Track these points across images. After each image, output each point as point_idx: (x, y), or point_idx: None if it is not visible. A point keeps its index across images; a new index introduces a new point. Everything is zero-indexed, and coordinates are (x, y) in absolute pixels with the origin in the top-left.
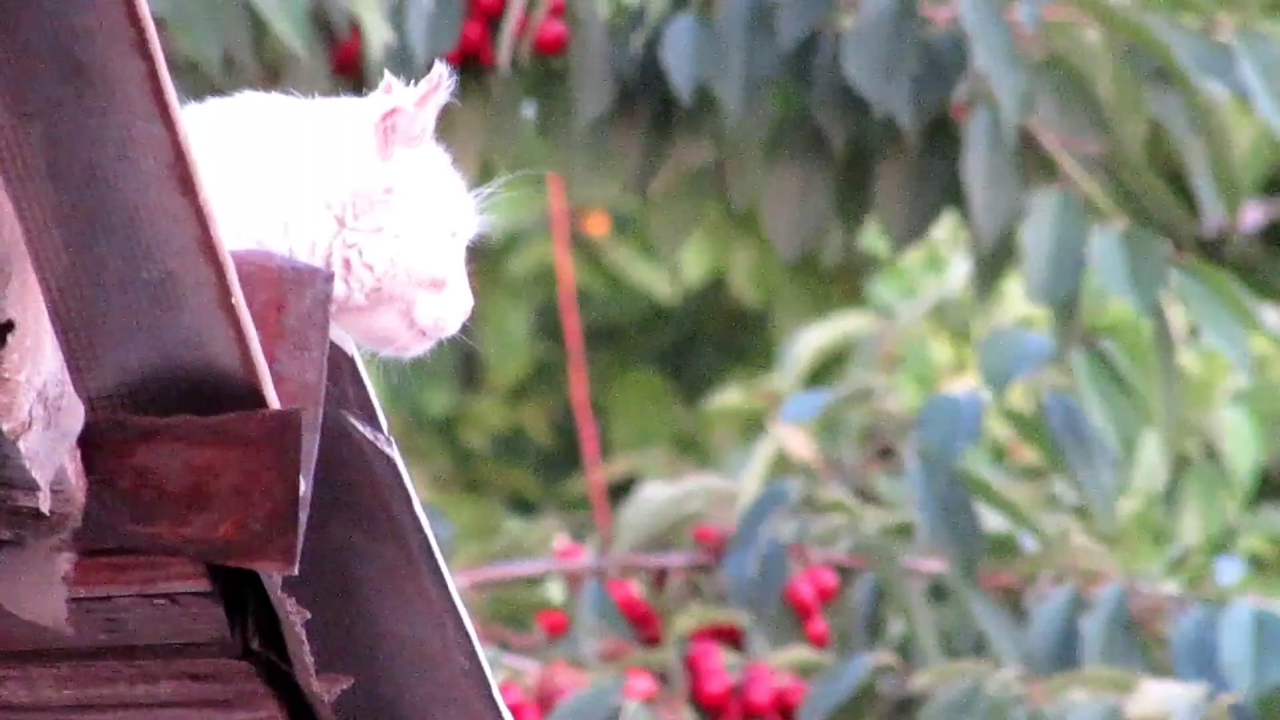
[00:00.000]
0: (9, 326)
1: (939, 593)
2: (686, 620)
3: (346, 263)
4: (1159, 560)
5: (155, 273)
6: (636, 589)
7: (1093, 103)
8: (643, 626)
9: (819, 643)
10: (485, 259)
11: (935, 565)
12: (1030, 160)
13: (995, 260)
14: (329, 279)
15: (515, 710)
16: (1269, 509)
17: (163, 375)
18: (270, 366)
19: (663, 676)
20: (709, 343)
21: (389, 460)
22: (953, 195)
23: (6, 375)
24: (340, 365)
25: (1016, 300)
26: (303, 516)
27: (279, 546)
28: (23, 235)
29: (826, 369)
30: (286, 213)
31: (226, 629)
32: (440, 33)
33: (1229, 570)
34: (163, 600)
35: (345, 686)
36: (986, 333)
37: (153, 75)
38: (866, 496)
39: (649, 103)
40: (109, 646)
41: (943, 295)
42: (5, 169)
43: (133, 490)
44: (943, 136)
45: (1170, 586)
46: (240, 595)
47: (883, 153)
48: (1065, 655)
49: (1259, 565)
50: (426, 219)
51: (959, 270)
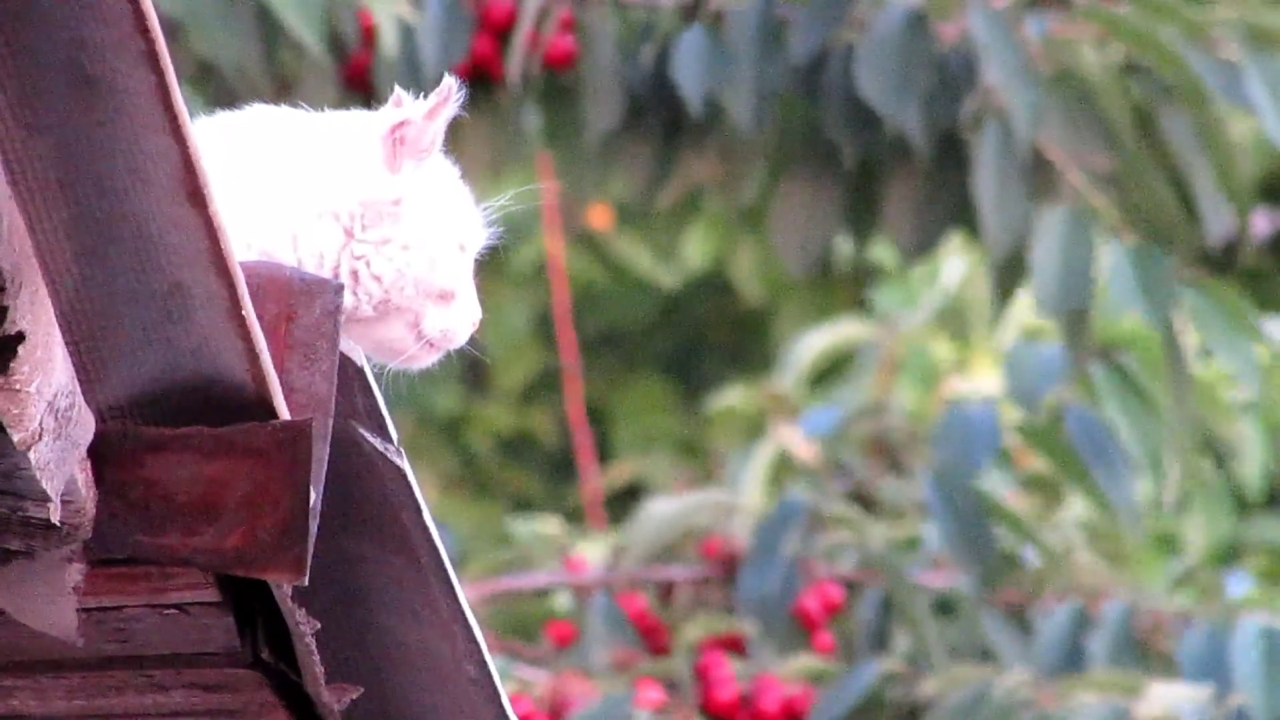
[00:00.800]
0: (20, 338)
1: (944, 607)
2: (694, 630)
3: (355, 274)
4: (1164, 573)
5: (165, 284)
6: (645, 601)
7: (1101, 119)
8: (652, 638)
9: (826, 656)
10: (487, 252)
11: (942, 580)
12: (1039, 176)
13: (1009, 274)
14: (339, 290)
15: None
16: (1270, 520)
17: (173, 386)
18: (280, 377)
19: (672, 686)
20: (714, 347)
21: (399, 471)
22: (962, 211)
23: (17, 386)
24: (350, 376)
25: (1023, 309)
26: (313, 527)
27: (289, 557)
28: (33, 247)
29: (828, 372)
30: (295, 224)
31: (236, 639)
32: (450, 47)
33: (1235, 585)
34: (173, 610)
35: (355, 696)
36: (1009, 348)
37: (162, 88)
38: (869, 501)
39: (659, 117)
40: (119, 657)
41: (943, 301)
42: (16, 181)
43: (143, 501)
44: (951, 152)
45: (1176, 602)
46: (250, 605)
47: (892, 168)
48: (1071, 671)
49: (1266, 576)
50: (435, 231)
51: (954, 271)
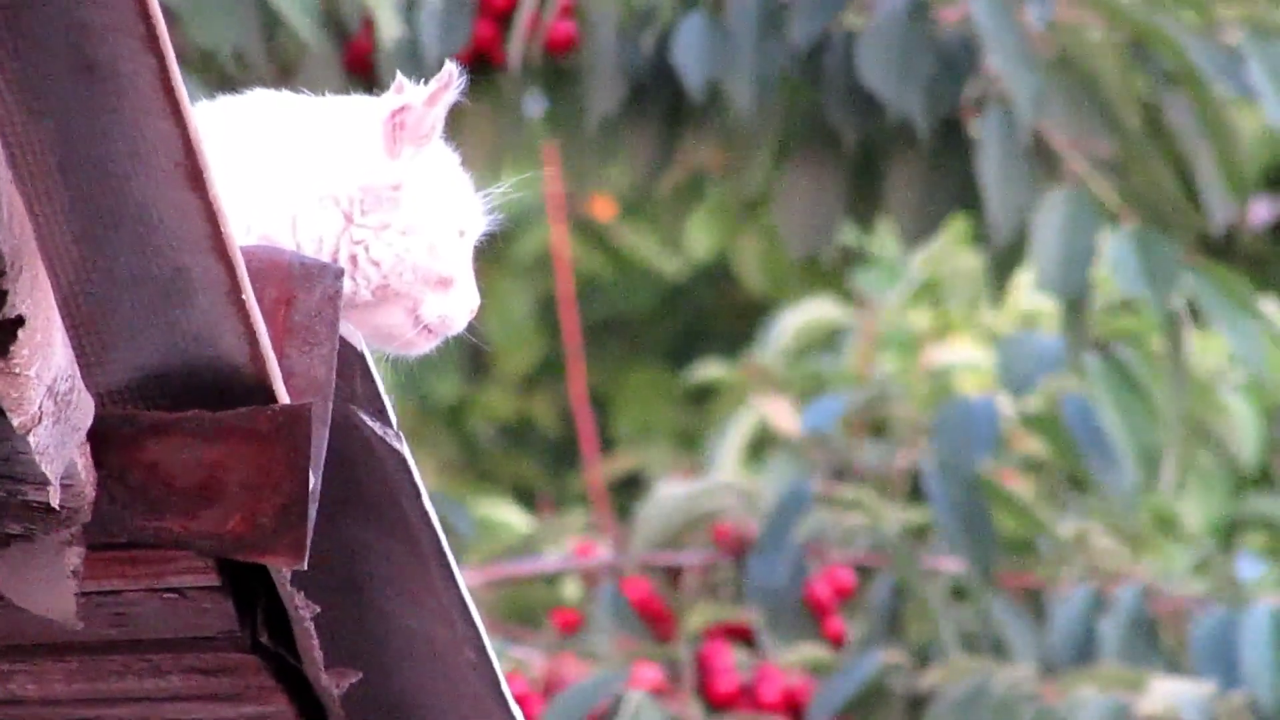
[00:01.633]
0: (19, 322)
1: (959, 593)
2: (698, 618)
3: (353, 259)
4: (1171, 554)
5: (165, 268)
6: (652, 587)
7: (1102, 103)
8: (658, 625)
9: (836, 642)
10: (489, 241)
11: (955, 565)
12: (1041, 161)
13: (1008, 258)
14: (339, 275)
15: (521, 700)
16: (1268, 497)
17: (173, 370)
18: (280, 362)
19: (673, 673)
20: (715, 337)
21: (398, 455)
22: (964, 195)
23: (17, 370)
24: (350, 361)
25: (1022, 294)
26: (312, 511)
27: (288, 541)
28: (34, 231)
29: (810, 348)
30: (295, 208)
31: (236, 623)
32: (451, 32)
33: (1247, 568)
34: (172, 594)
35: (354, 680)
36: (1003, 337)
37: (163, 72)
38: (851, 472)
39: (660, 101)
40: (118, 640)
41: (921, 273)
42: (16, 165)
43: (142, 485)
44: (953, 137)
45: (1189, 587)
46: (249, 589)
47: (894, 152)
48: (1084, 656)
49: (1269, 552)
50: (434, 217)
51: (928, 251)
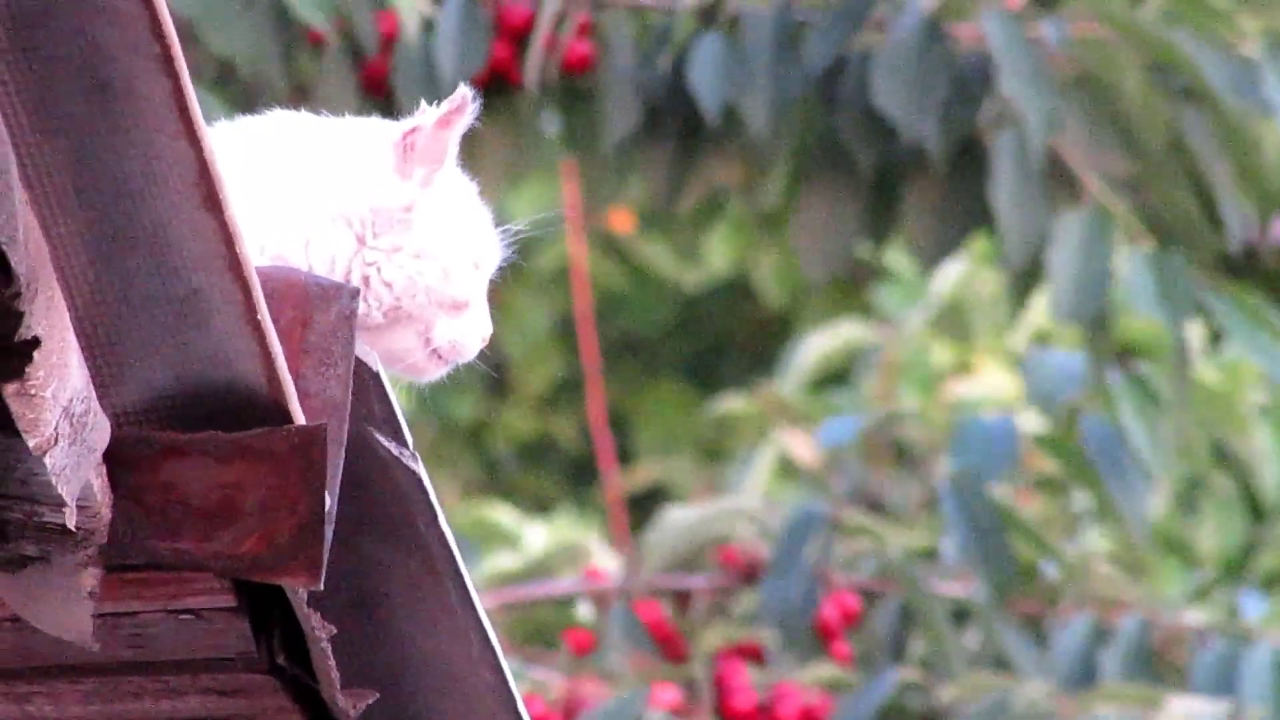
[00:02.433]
0: (35, 343)
1: (960, 616)
2: (711, 639)
3: (365, 280)
4: (1177, 581)
5: (181, 289)
6: (663, 610)
7: (1120, 122)
8: (669, 647)
9: (843, 665)
10: (504, 264)
11: (959, 589)
12: (1057, 180)
13: (1025, 279)
14: (354, 295)
15: None
16: None
17: (188, 391)
18: (296, 382)
19: (689, 692)
20: (735, 351)
21: (414, 475)
22: (980, 216)
23: (33, 391)
24: (365, 381)
25: (1034, 312)
26: (328, 532)
27: (304, 562)
28: (49, 252)
29: (830, 376)
30: (307, 229)
31: (252, 644)
32: (468, 52)
33: (1251, 604)
34: (188, 615)
35: (370, 701)
36: (1028, 353)
37: (178, 92)
38: (872, 504)
39: (676, 122)
40: (134, 662)
41: (940, 303)
42: (31, 186)
43: (158, 506)
44: (969, 158)
45: (1192, 616)
46: (266, 610)
47: (910, 175)
48: (1086, 684)
49: (1276, 581)
50: (448, 242)
51: (951, 271)
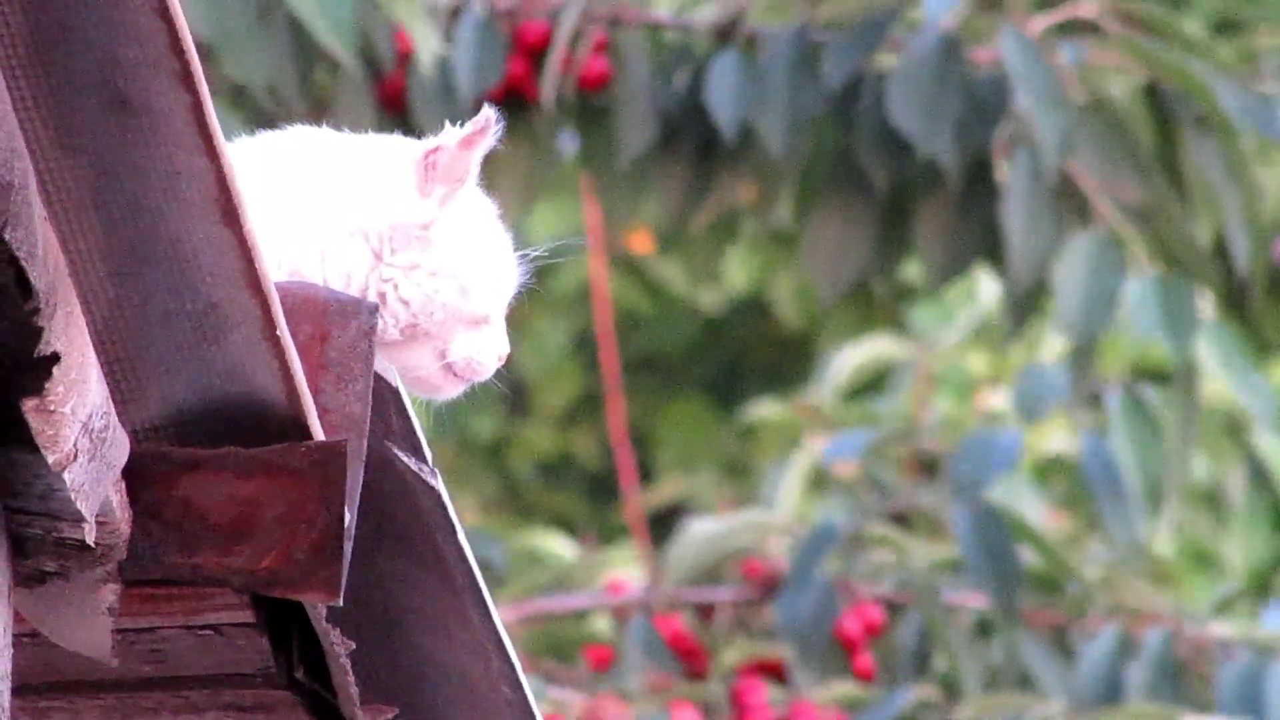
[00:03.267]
0: (54, 359)
1: (986, 628)
2: (732, 654)
3: (382, 296)
4: (1207, 590)
5: (200, 304)
6: (684, 623)
7: (1132, 147)
8: (690, 661)
9: (865, 678)
10: (525, 281)
11: (981, 601)
12: (1067, 203)
13: (1028, 299)
14: (374, 310)
15: None
16: None
17: (207, 407)
18: (315, 398)
19: (707, 711)
20: (755, 369)
21: (433, 491)
22: (990, 239)
23: (52, 407)
24: (384, 397)
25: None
26: (347, 547)
27: (323, 577)
28: (68, 267)
29: (864, 387)
30: (325, 244)
31: (271, 660)
32: (485, 68)
33: (1274, 616)
34: (207, 631)
35: (390, 717)
36: (1023, 368)
37: (197, 107)
38: (905, 517)
39: (692, 139)
40: (154, 677)
41: (979, 319)
42: (50, 202)
43: (177, 521)
44: (982, 180)
45: (1218, 628)
46: (285, 626)
47: (923, 194)
48: (1110, 696)
49: None
50: (466, 261)
51: (990, 288)
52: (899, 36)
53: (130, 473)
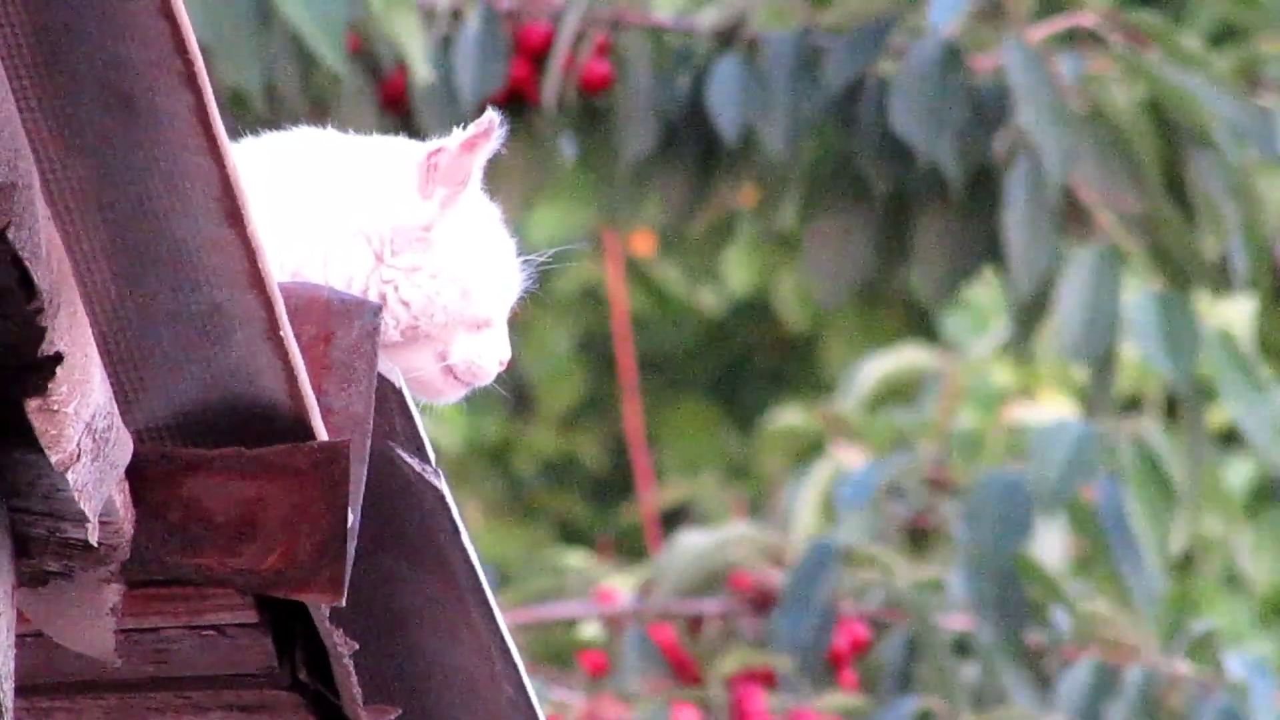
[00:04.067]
0: (58, 359)
1: (963, 649)
2: (729, 662)
3: (383, 298)
4: (1232, 613)
5: (203, 305)
6: (675, 634)
7: (1132, 159)
8: (682, 670)
9: (849, 693)
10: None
11: (964, 622)
12: (1069, 214)
13: (1031, 313)
14: (377, 311)
15: None
16: None
17: (211, 407)
18: (318, 398)
19: (706, 714)
20: (759, 371)
21: (436, 492)
22: (991, 246)
23: (55, 407)
24: (388, 397)
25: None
26: (351, 548)
27: (327, 577)
28: (71, 268)
29: (888, 395)
30: (326, 245)
31: (274, 660)
32: (487, 70)
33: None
34: (211, 631)
35: (393, 717)
36: (1037, 429)
37: (200, 108)
38: (924, 530)
39: (693, 143)
40: (157, 678)
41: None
42: (54, 202)
43: (181, 522)
44: (982, 189)
45: (1185, 667)
46: (288, 626)
47: (924, 202)
48: None
49: None
50: (468, 264)
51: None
52: (900, 43)
53: (133, 473)
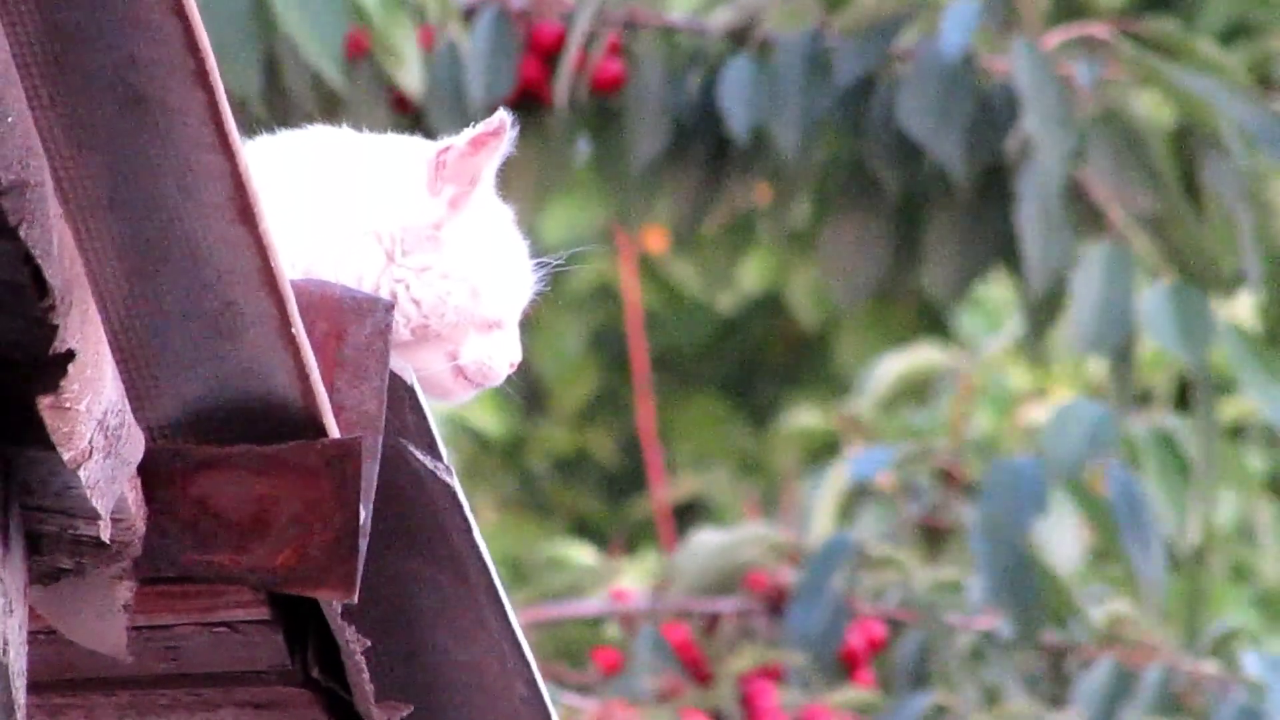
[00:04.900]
0: (70, 356)
1: (980, 652)
2: (741, 660)
3: (393, 296)
4: (1243, 606)
5: (215, 302)
6: (690, 632)
7: (1145, 159)
8: (696, 669)
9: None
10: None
11: (982, 623)
12: (1081, 212)
13: (1045, 310)
14: (389, 308)
15: None
16: None
17: (223, 404)
18: (330, 396)
19: (718, 716)
20: (771, 369)
21: (448, 489)
22: (1004, 246)
23: (67, 404)
24: (399, 394)
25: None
26: (362, 545)
27: (339, 575)
28: (84, 266)
29: (903, 395)
30: (338, 244)
31: (286, 657)
32: (498, 70)
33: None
34: (222, 628)
35: (405, 714)
36: (1053, 412)
37: (213, 106)
38: (939, 529)
39: (704, 143)
40: (169, 675)
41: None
42: (67, 200)
43: (193, 519)
44: (994, 187)
45: (1208, 667)
46: (300, 623)
47: (935, 201)
48: None
49: None
50: (479, 264)
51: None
52: (911, 44)
53: (145, 470)
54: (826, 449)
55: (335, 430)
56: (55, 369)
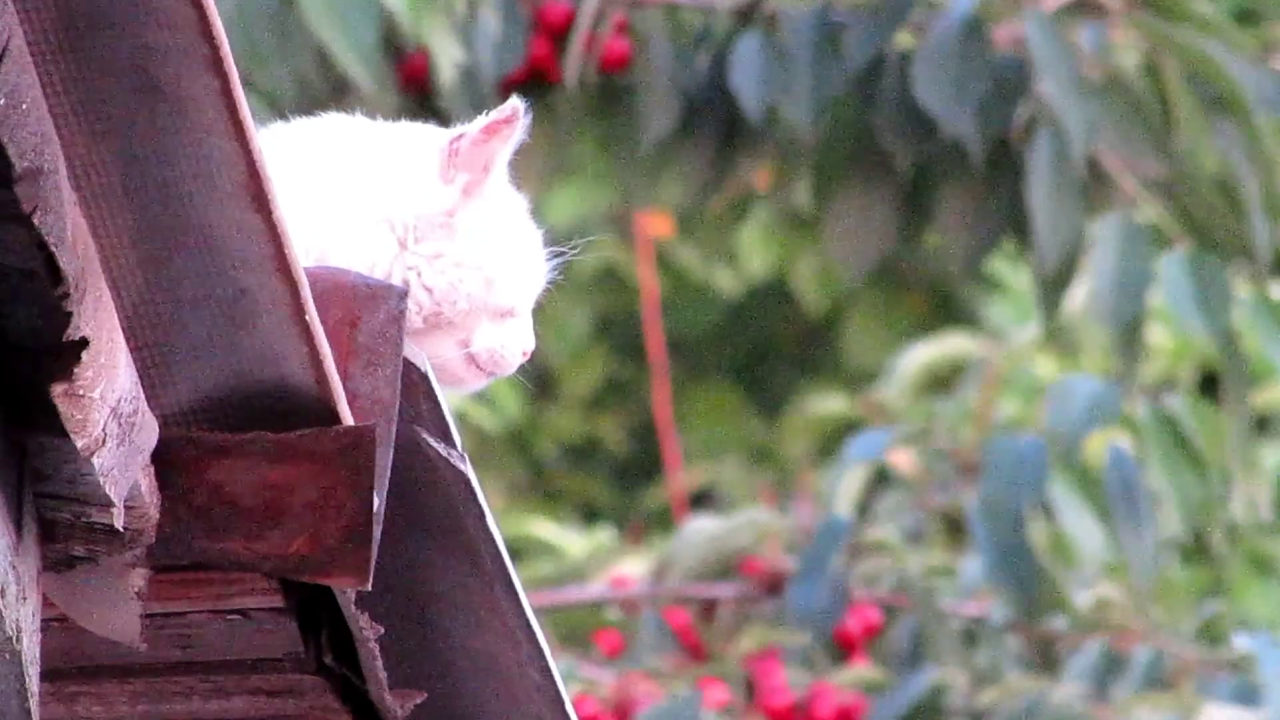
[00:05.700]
0: (83, 343)
1: (971, 637)
2: (747, 641)
3: (406, 284)
4: (1265, 595)
5: (229, 289)
6: (689, 617)
7: (1155, 126)
8: (697, 654)
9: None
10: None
11: (974, 609)
12: (1093, 183)
13: (1057, 283)
14: (403, 296)
15: None
16: None
17: (237, 392)
18: (344, 383)
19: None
20: (780, 355)
21: (462, 476)
22: (1014, 220)
23: (81, 392)
24: (413, 381)
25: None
26: (376, 532)
27: (353, 562)
28: (97, 253)
29: (931, 385)
30: (350, 231)
31: (300, 644)
32: (507, 50)
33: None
34: (236, 616)
35: (419, 701)
36: (1054, 383)
37: (227, 92)
38: (960, 517)
39: (714, 121)
40: (182, 662)
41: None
42: (80, 186)
43: (206, 506)
44: (1004, 159)
45: (1201, 649)
46: (314, 611)
47: (945, 176)
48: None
49: None
50: (492, 252)
51: (1076, 293)
52: (922, 19)
53: (159, 458)
54: (841, 436)
55: (349, 418)
56: (69, 356)
